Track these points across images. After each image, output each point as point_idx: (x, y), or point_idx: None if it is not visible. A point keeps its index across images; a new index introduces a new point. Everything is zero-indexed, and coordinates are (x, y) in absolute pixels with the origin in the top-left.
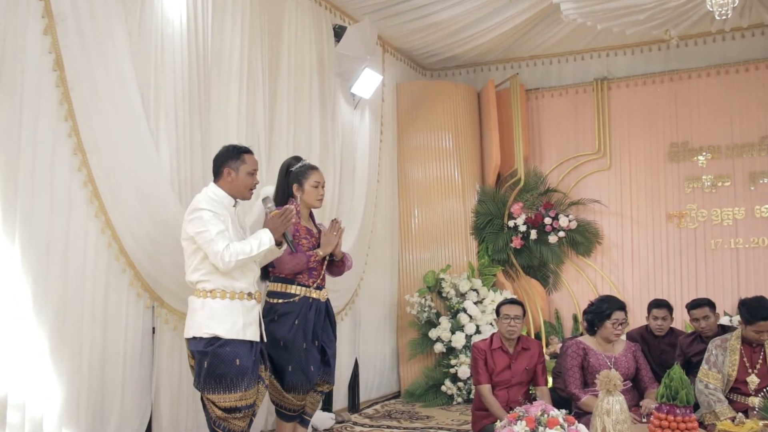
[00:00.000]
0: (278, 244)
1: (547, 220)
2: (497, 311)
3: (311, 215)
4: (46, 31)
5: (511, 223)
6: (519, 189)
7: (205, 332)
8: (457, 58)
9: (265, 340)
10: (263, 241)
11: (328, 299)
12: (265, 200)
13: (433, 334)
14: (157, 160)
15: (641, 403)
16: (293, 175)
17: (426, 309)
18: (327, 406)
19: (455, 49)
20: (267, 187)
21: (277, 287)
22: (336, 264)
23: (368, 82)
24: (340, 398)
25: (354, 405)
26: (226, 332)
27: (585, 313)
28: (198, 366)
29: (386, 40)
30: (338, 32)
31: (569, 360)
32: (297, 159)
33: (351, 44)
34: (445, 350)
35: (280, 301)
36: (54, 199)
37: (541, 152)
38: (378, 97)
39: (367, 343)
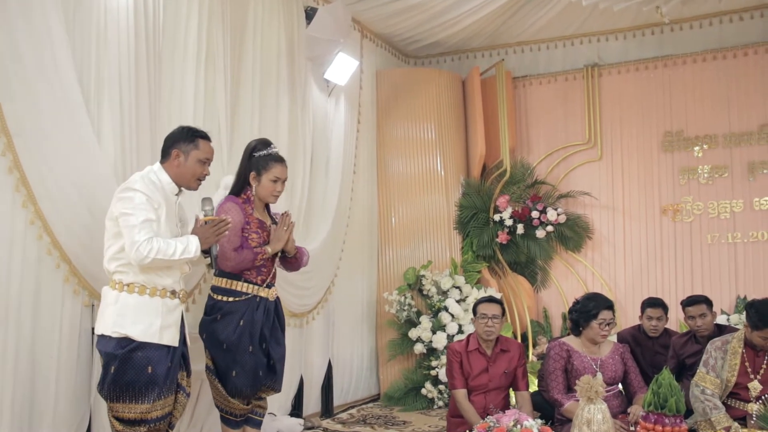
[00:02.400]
0: (206, 253)
1: (535, 214)
2: (474, 310)
3: (267, 206)
4: None
5: (496, 217)
6: (505, 181)
7: (116, 331)
8: (441, 45)
9: (188, 343)
10: (189, 248)
11: (277, 298)
12: (204, 200)
13: (413, 334)
14: (96, 145)
15: (629, 410)
16: (254, 162)
17: (406, 307)
18: (297, 411)
19: (438, 35)
20: (227, 177)
21: (222, 283)
22: (289, 260)
23: (343, 67)
24: (312, 402)
25: (327, 409)
26: (139, 334)
27: (570, 312)
28: (104, 369)
29: (364, 25)
30: (310, 14)
31: (551, 363)
32: (265, 144)
33: (322, 26)
34: (425, 351)
35: (225, 298)
36: None
37: (529, 142)
38: (355, 84)
39: (342, 344)
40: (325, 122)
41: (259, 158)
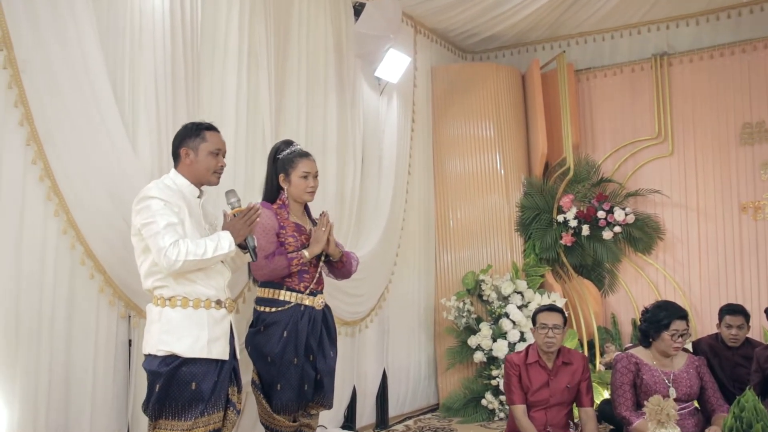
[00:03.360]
0: (244, 247)
1: (601, 214)
2: (533, 320)
3: (306, 208)
4: None
5: (560, 218)
6: (569, 180)
7: (161, 349)
8: (498, 38)
9: (237, 356)
10: (222, 245)
11: (326, 307)
12: (228, 194)
13: (472, 341)
14: (131, 152)
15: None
16: (279, 164)
17: (465, 314)
18: (349, 424)
19: (495, 27)
20: None
21: (265, 293)
22: (336, 265)
23: (394, 64)
24: (366, 413)
25: (382, 420)
26: (186, 349)
27: (639, 321)
28: (149, 389)
29: (417, 20)
30: (358, 10)
31: (619, 377)
32: (287, 144)
33: (371, 22)
34: (485, 360)
35: (268, 309)
36: (3, 195)
37: (594, 138)
38: (409, 81)
39: (397, 353)
40: (376, 122)
41: (283, 159)
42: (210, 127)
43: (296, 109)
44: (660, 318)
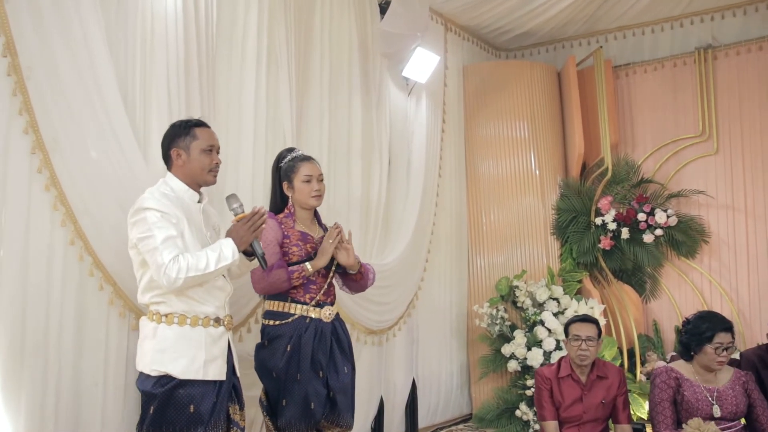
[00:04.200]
0: (251, 254)
1: (641, 216)
2: (566, 331)
3: (317, 216)
4: None
5: (598, 221)
6: (607, 181)
7: (155, 369)
8: (533, 34)
9: (237, 374)
10: (224, 254)
11: (337, 320)
12: (229, 199)
13: (506, 350)
14: (143, 161)
15: None
16: (282, 172)
17: (498, 321)
18: None
19: (528, 23)
20: None
21: (271, 305)
22: (354, 277)
23: (423, 63)
24: (395, 424)
25: (412, 431)
26: (182, 371)
27: (680, 333)
28: (143, 410)
29: (447, 17)
30: (384, 8)
31: (657, 393)
32: (289, 150)
33: (397, 20)
34: (520, 369)
35: (272, 322)
36: (8, 205)
37: (633, 137)
38: (439, 81)
39: (428, 361)
40: (404, 123)
41: (285, 166)
42: (199, 123)
43: (319, 112)
44: (702, 330)
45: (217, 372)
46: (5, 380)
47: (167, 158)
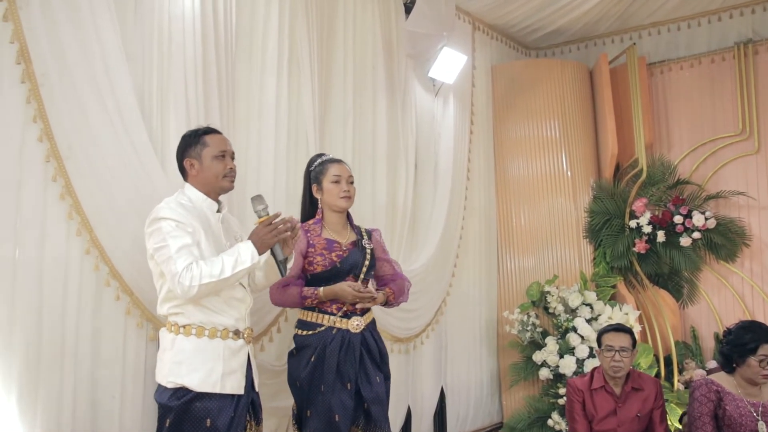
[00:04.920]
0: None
1: (678, 219)
2: (598, 341)
3: (349, 219)
4: (6, 16)
5: (633, 224)
6: (642, 182)
7: (171, 381)
8: (563, 32)
9: (257, 388)
10: (242, 259)
11: (368, 329)
12: (254, 200)
13: (537, 357)
14: (160, 169)
15: None
16: (312, 175)
17: (529, 327)
18: None
19: (558, 21)
20: None
21: (304, 315)
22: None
23: (450, 64)
24: None
25: None
26: (198, 383)
27: (720, 343)
28: (159, 422)
29: (475, 16)
30: (409, 7)
31: (697, 407)
32: (319, 155)
33: (422, 19)
34: (552, 377)
35: (301, 332)
36: (23, 214)
37: (669, 137)
38: (466, 81)
39: (457, 369)
40: (431, 125)
41: (315, 169)
42: (209, 131)
43: (342, 115)
44: (745, 341)
45: (235, 385)
46: (21, 392)
47: (182, 170)
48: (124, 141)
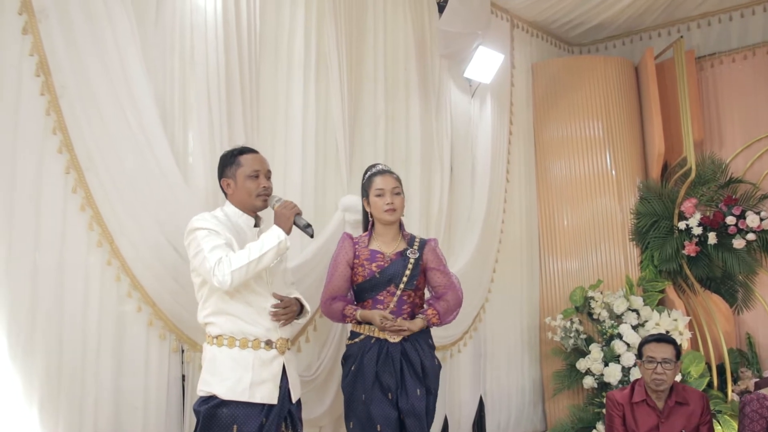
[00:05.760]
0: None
1: (730, 220)
2: (639, 352)
3: (401, 229)
4: (26, 29)
5: (682, 225)
6: (691, 181)
7: (203, 389)
8: (606, 27)
9: (293, 399)
10: (268, 241)
11: (409, 340)
12: (270, 199)
13: (581, 365)
14: (182, 179)
15: None
16: (363, 189)
17: (573, 334)
18: None
19: (601, 15)
20: (346, 198)
21: (353, 324)
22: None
23: (486, 63)
24: None
25: None
26: (226, 391)
27: None
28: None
29: (513, 13)
30: (442, 6)
31: (748, 423)
32: (370, 167)
33: (456, 18)
34: (596, 386)
35: (348, 341)
36: (42, 227)
37: (720, 134)
38: (505, 80)
39: (497, 377)
40: (468, 127)
41: (364, 183)
42: (244, 150)
43: (373, 120)
44: None
45: (266, 395)
46: (42, 403)
47: (222, 189)
48: (145, 151)
